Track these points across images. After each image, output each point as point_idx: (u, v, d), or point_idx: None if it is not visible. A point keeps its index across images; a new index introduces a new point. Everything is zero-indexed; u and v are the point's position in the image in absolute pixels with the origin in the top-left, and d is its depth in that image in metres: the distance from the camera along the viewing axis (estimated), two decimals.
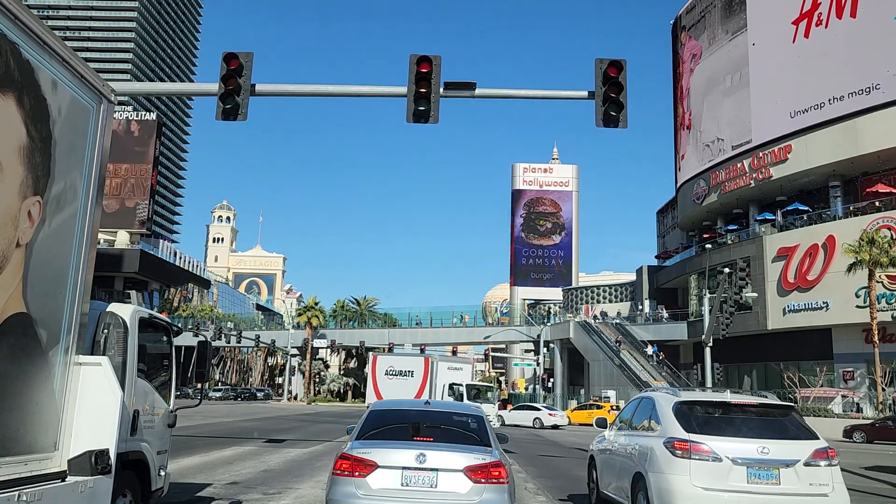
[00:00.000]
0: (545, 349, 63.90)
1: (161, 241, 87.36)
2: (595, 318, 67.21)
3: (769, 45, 53.64)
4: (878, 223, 43.67)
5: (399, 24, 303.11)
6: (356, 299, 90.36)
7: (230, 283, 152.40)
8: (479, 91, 13.65)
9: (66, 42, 5.56)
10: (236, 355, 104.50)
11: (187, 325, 65.61)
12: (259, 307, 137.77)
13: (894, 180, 47.07)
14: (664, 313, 62.99)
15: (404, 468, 6.64)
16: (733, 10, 57.76)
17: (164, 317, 8.39)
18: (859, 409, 43.07)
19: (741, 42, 56.33)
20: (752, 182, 53.64)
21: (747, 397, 8.78)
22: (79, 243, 5.67)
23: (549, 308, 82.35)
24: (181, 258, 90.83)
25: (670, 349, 60.95)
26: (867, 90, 46.22)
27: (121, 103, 72.43)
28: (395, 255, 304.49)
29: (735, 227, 57.59)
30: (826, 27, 49.42)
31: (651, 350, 58.30)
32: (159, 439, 7.63)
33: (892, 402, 41.24)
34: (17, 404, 4.94)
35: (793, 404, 9.04)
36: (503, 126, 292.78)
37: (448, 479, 6.62)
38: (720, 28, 59.61)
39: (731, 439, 7.78)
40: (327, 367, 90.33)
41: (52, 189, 5.23)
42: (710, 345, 35.72)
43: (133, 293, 75.34)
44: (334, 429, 28.18)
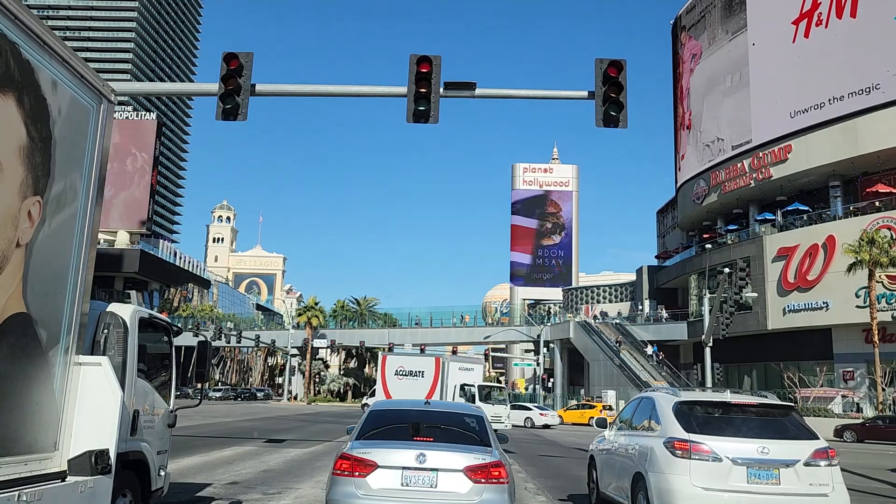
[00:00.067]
0: (545, 349, 63.93)
1: (161, 241, 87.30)
2: (595, 318, 67.23)
3: (769, 45, 53.65)
4: (878, 223, 43.68)
5: (399, 24, 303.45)
6: (356, 299, 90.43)
7: (230, 283, 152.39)
8: (479, 91, 13.66)
9: (66, 42, 5.56)
10: (236, 355, 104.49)
11: (187, 325, 65.61)
12: (259, 307, 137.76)
13: (894, 180, 47.08)
14: (664, 313, 63.01)
15: (404, 468, 6.64)
16: (733, 10, 57.77)
17: (164, 317, 8.39)
18: (859, 409, 43.07)
19: (741, 42, 56.34)
20: (752, 182, 53.65)
21: (747, 397, 8.78)
22: (79, 243, 5.67)
23: (549, 308, 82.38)
24: (181, 258, 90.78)
25: (670, 349, 60.95)
26: (867, 90, 46.24)
27: (121, 103, 72.40)
28: (395, 255, 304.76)
29: (735, 227, 57.61)
30: (826, 27, 49.44)
31: (651, 350, 58.32)
32: (159, 439, 7.63)
33: (892, 402, 41.24)
34: (17, 404, 4.94)
35: (793, 404, 9.04)
36: (503, 126, 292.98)
37: (448, 479, 6.62)
38: (720, 28, 59.62)
39: (731, 439, 7.78)
40: (327, 367, 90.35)
41: (52, 189, 5.23)
42: (710, 345, 35.73)
43: (133, 293, 75.29)
44: (334, 429, 28.18)
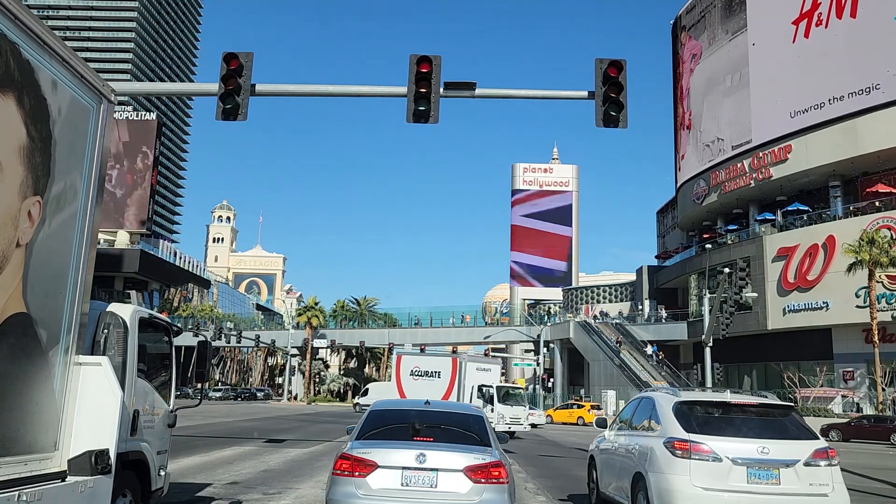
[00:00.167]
0: (545, 349, 63.90)
1: (161, 241, 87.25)
2: (595, 318, 67.24)
3: (769, 45, 53.66)
4: (878, 223, 43.69)
5: (399, 24, 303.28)
6: (356, 299, 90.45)
7: (230, 283, 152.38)
8: (479, 91, 13.65)
9: (66, 42, 5.56)
10: (236, 355, 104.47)
11: (187, 325, 65.61)
12: (259, 307, 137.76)
13: (894, 180, 47.10)
14: (664, 313, 63.02)
15: (404, 468, 6.63)
16: (733, 10, 57.77)
17: (164, 317, 8.38)
18: (859, 409, 43.08)
19: (741, 42, 56.35)
20: (752, 182, 53.66)
21: (747, 397, 8.78)
22: (79, 243, 5.66)
23: (549, 308, 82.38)
24: (181, 258, 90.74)
25: (670, 349, 60.96)
26: (867, 90, 46.24)
27: (121, 103, 72.40)
28: (395, 255, 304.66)
29: (735, 227, 57.62)
30: (826, 27, 49.45)
31: (650, 349, 58.32)
32: (159, 439, 7.62)
33: (892, 401, 41.25)
34: (17, 404, 4.94)
35: (793, 404, 9.04)
36: (503, 126, 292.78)
37: (448, 479, 6.62)
38: (720, 28, 59.63)
39: (731, 439, 7.78)
40: (327, 367, 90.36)
41: (52, 189, 5.23)
42: (710, 345, 35.72)
43: (133, 293, 75.25)
44: (334, 429, 28.18)
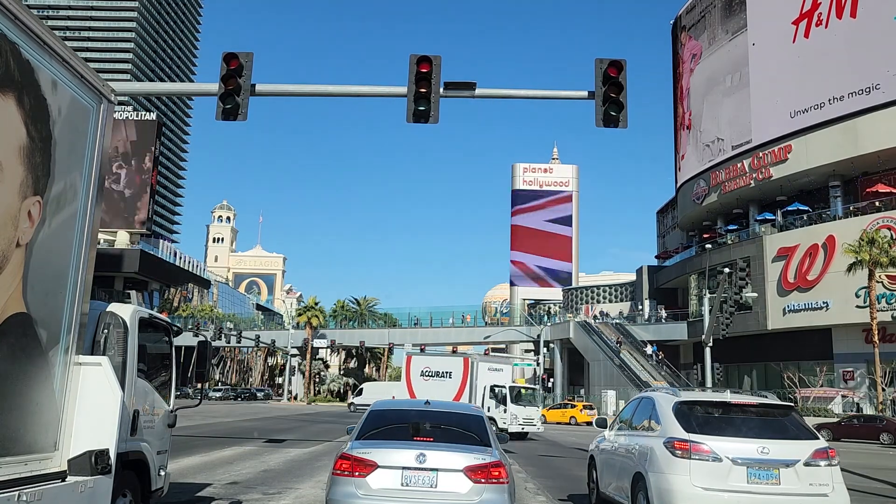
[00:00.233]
0: (545, 349, 63.90)
1: (161, 241, 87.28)
2: (595, 318, 67.23)
3: (769, 45, 53.65)
4: (878, 223, 43.68)
5: (399, 24, 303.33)
6: (356, 299, 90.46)
7: (230, 283, 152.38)
8: (479, 91, 13.65)
9: (66, 42, 5.56)
10: (236, 355, 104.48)
11: (187, 325, 65.59)
12: (259, 307, 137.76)
13: (894, 180, 47.09)
14: (664, 313, 63.00)
15: (404, 468, 6.63)
16: (733, 10, 57.77)
17: (164, 317, 8.38)
18: (859, 409, 43.07)
19: (741, 42, 56.34)
20: (752, 182, 53.65)
21: (747, 397, 8.78)
22: (79, 243, 5.66)
23: (549, 308, 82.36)
24: (181, 258, 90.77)
25: (670, 349, 60.96)
26: (867, 90, 46.24)
27: (121, 103, 72.38)
28: (395, 255, 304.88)
29: (735, 227, 57.62)
30: (826, 27, 49.44)
31: (650, 349, 58.30)
32: (159, 439, 7.62)
33: (892, 401, 41.25)
34: (17, 404, 4.94)
35: (793, 404, 9.04)
36: (503, 126, 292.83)
37: (448, 479, 6.61)
38: (720, 28, 59.63)
39: (731, 439, 7.78)
40: (327, 367, 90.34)
41: (52, 189, 5.22)
42: (710, 345, 35.73)
43: (133, 293, 75.26)
44: (334, 429, 28.18)
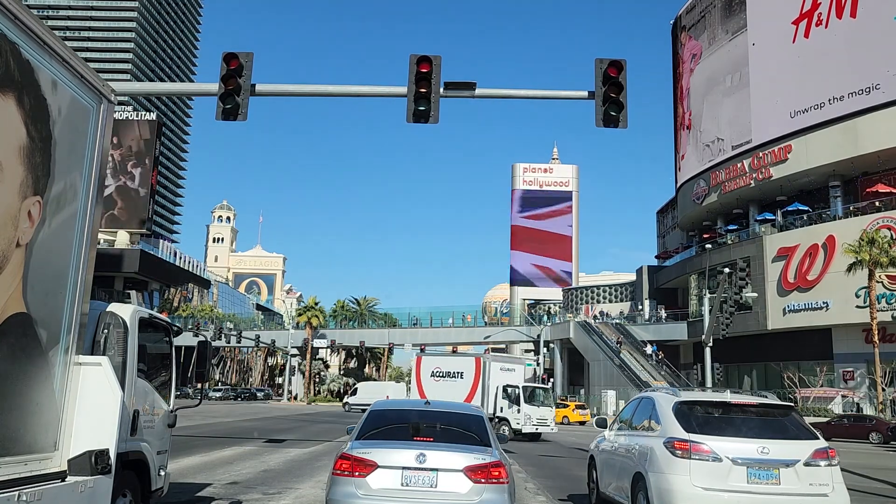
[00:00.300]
0: (545, 349, 63.91)
1: (161, 241, 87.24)
2: (595, 318, 67.22)
3: (769, 45, 53.65)
4: (878, 223, 43.68)
5: (399, 24, 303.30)
6: (356, 299, 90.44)
7: (230, 283, 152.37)
8: (479, 91, 13.65)
9: (66, 42, 5.56)
10: (236, 355, 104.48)
11: (187, 325, 65.59)
12: (259, 307, 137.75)
13: (894, 180, 47.09)
14: (664, 313, 63.00)
15: (404, 468, 6.63)
16: (733, 10, 57.77)
17: (164, 317, 8.38)
18: (859, 409, 43.08)
19: (741, 42, 56.34)
20: (752, 182, 53.66)
21: (747, 397, 8.78)
22: (79, 243, 5.66)
23: (549, 308, 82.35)
24: (181, 258, 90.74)
25: (670, 349, 60.95)
26: (867, 90, 46.24)
27: (121, 103, 72.37)
28: (395, 255, 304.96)
29: (735, 227, 57.62)
30: (826, 27, 49.44)
31: (650, 349, 58.29)
32: (159, 439, 7.62)
33: (892, 401, 41.25)
34: (17, 404, 4.93)
35: (793, 404, 9.03)
36: (503, 126, 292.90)
37: (448, 479, 6.61)
38: (720, 28, 59.62)
39: (731, 439, 7.77)
40: (327, 367, 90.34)
41: (52, 189, 5.22)
42: (710, 345, 35.73)
43: (133, 293, 75.24)
44: (334, 429, 28.16)
